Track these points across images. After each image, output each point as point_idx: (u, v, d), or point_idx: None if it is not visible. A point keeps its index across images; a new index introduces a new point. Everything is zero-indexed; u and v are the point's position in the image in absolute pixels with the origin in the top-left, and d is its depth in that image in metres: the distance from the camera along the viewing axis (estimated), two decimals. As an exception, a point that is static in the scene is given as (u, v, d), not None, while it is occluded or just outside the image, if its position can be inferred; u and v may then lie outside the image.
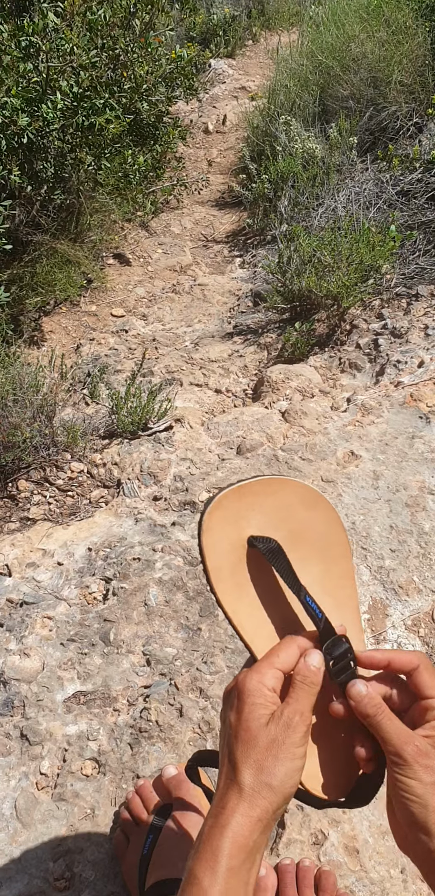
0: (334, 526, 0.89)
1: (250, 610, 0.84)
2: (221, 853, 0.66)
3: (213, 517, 0.85)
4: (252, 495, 0.87)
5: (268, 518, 0.87)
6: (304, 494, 0.89)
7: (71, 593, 1.76)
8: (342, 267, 2.91)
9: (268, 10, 7.73)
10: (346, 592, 0.87)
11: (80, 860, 1.24)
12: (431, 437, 2.20)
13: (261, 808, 0.68)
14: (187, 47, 4.23)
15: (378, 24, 4.19)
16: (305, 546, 0.87)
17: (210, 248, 4.40)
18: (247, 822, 0.67)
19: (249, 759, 0.70)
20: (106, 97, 3.03)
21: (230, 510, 0.86)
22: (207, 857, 0.67)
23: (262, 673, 0.74)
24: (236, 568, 0.85)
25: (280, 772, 0.69)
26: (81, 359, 2.99)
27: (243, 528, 0.86)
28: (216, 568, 0.84)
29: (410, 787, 0.69)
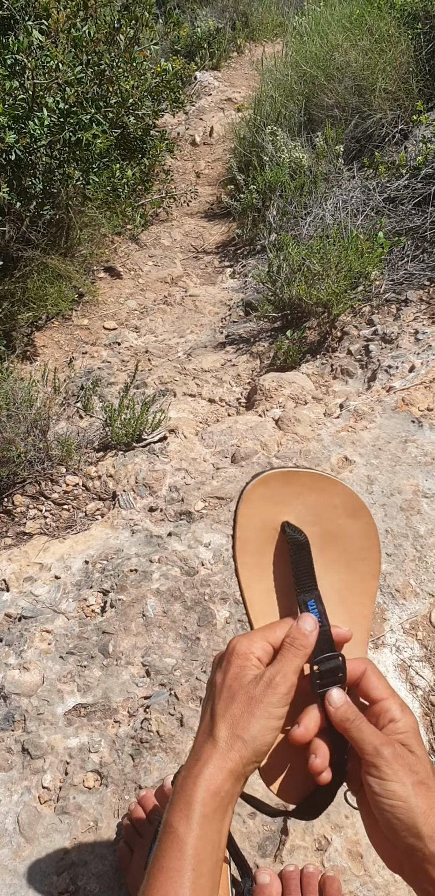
0: (371, 544, 0.88)
1: (264, 592, 0.84)
2: (195, 801, 0.68)
3: (256, 491, 0.84)
4: (299, 485, 0.86)
5: (308, 511, 0.86)
6: (350, 501, 0.87)
7: (69, 606, 1.76)
8: (331, 274, 2.93)
9: (252, 21, 7.78)
10: (362, 611, 0.86)
11: (84, 873, 1.24)
12: (423, 440, 2.22)
13: (233, 761, 0.69)
14: (172, 61, 4.25)
15: (361, 32, 4.23)
16: (335, 550, 0.86)
17: (200, 259, 4.42)
18: (219, 772, 0.69)
19: (226, 714, 0.72)
20: (92, 112, 3.05)
21: (273, 490, 0.85)
22: (181, 806, 0.68)
23: (252, 640, 0.76)
24: (263, 548, 0.85)
25: (254, 727, 0.70)
26: (74, 372, 3.00)
27: (281, 513, 0.85)
28: (244, 540, 0.84)
29: (393, 791, 0.69)
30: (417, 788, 0.69)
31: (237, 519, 0.84)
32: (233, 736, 0.70)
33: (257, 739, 0.70)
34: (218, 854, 0.68)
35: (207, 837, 0.67)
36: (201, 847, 0.66)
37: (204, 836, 0.67)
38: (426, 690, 1.58)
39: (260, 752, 0.71)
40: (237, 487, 2.09)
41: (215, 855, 0.67)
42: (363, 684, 0.77)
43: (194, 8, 7.86)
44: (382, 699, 0.76)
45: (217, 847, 0.68)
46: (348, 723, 0.74)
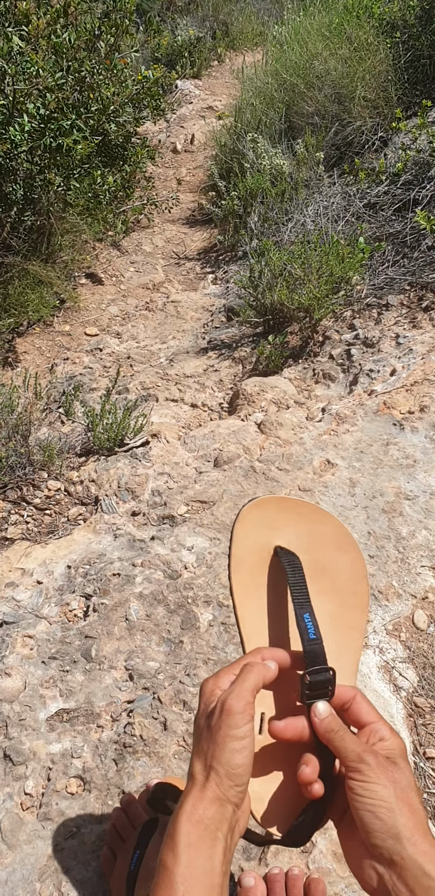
0: (359, 577, 0.90)
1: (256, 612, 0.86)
2: (179, 833, 0.69)
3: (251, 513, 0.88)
4: (293, 513, 0.90)
5: (299, 540, 0.89)
6: (340, 535, 0.91)
7: (51, 611, 1.75)
8: (313, 279, 2.94)
9: (232, 30, 7.83)
10: (350, 644, 0.88)
11: (67, 879, 1.23)
12: (405, 443, 2.23)
13: (211, 790, 0.71)
14: (153, 69, 4.26)
15: (340, 41, 4.26)
16: (324, 581, 0.88)
17: (182, 266, 4.42)
18: (199, 801, 0.71)
19: (198, 750, 0.74)
20: (73, 118, 3.05)
21: (267, 514, 0.88)
22: (168, 842, 0.70)
23: (217, 677, 0.78)
24: (257, 569, 0.88)
25: (223, 756, 0.72)
26: (56, 378, 2.99)
27: (274, 537, 0.88)
28: (239, 558, 0.87)
29: (375, 791, 0.70)
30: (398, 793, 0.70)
31: (233, 538, 0.87)
32: (206, 768, 0.72)
33: (226, 765, 0.71)
34: (212, 879, 0.68)
35: (196, 865, 0.68)
36: (189, 874, 0.67)
37: (191, 863, 0.68)
38: (410, 691, 1.58)
39: (235, 775, 0.72)
40: (220, 491, 2.08)
41: (208, 880, 0.68)
42: (353, 709, 0.79)
43: (175, 17, 7.90)
44: (372, 722, 0.77)
45: (209, 873, 0.69)
46: (332, 733, 0.75)
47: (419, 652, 1.66)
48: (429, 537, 1.91)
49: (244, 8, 8.21)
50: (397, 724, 1.51)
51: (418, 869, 0.67)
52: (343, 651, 0.86)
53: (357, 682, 1.57)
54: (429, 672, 1.61)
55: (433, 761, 1.45)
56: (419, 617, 1.73)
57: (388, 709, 1.53)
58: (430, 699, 1.56)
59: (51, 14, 3.21)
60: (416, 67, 4.09)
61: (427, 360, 2.57)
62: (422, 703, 1.56)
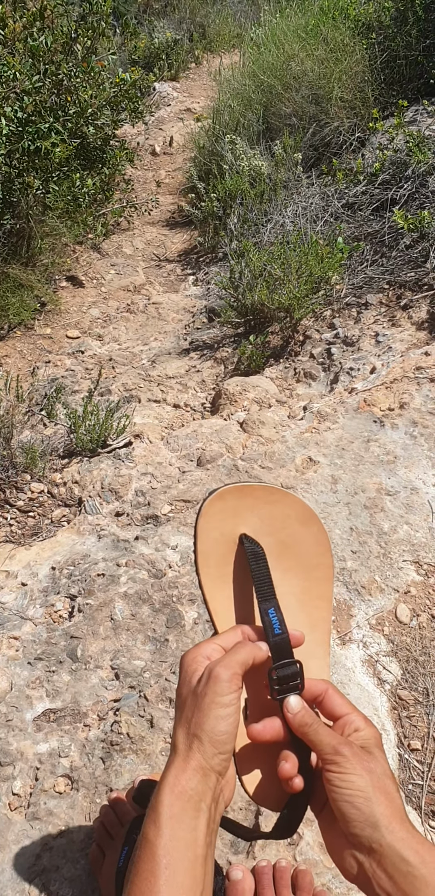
0: (323, 549, 0.92)
1: (227, 602, 0.87)
2: (161, 805, 0.69)
3: (214, 506, 0.88)
4: (253, 498, 0.90)
5: (263, 523, 0.90)
6: (301, 510, 0.92)
7: (36, 613, 1.75)
8: (292, 280, 2.96)
9: (209, 33, 7.84)
10: (321, 615, 0.89)
11: (56, 878, 1.23)
12: (385, 439, 2.25)
13: (194, 759, 0.71)
14: (131, 71, 4.27)
15: (316, 42, 4.29)
16: (291, 559, 0.90)
17: (163, 268, 4.43)
18: (181, 773, 0.71)
19: (181, 720, 0.74)
20: (51, 121, 3.05)
21: (230, 504, 0.89)
22: (150, 814, 0.70)
23: (198, 647, 0.78)
24: (223, 559, 0.88)
25: (206, 722, 0.72)
26: (38, 381, 2.98)
27: (238, 525, 0.89)
28: (205, 552, 0.87)
29: (352, 781, 0.71)
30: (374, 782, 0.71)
31: (197, 533, 0.88)
32: (189, 737, 0.72)
33: (210, 732, 0.71)
34: (195, 851, 0.68)
35: (178, 837, 0.68)
36: (172, 847, 0.67)
37: (174, 836, 0.68)
38: (393, 685, 1.60)
39: (218, 742, 0.72)
40: (203, 490, 2.09)
41: (191, 852, 0.68)
42: (326, 702, 0.80)
43: (151, 19, 7.90)
44: (346, 713, 0.78)
45: (193, 844, 0.68)
46: (306, 727, 0.76)
47: (402, 645, 1.68)
48: (410, 532, 1.93)
49: (221, 10, 8.23)
50: (382, 717, 1.53)
51: (396, 855, 0.68)
52: (315, 623, 0.88)
53: (342, 676, 1.58)
54: (412, 665, 1.63)
55: (418, 753, 1.47)
56: (402, 611, 1.75)
57: (372, 702, 1.55)
58: (413, 692, 1.58)
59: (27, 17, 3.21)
60: (392, 68, 4.13)
61: (406, 358, 2.60)
62: (406, 695, 1.57)
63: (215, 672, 0.73)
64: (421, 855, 0.68)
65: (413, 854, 0.68)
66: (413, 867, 0.67)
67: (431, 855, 0.68)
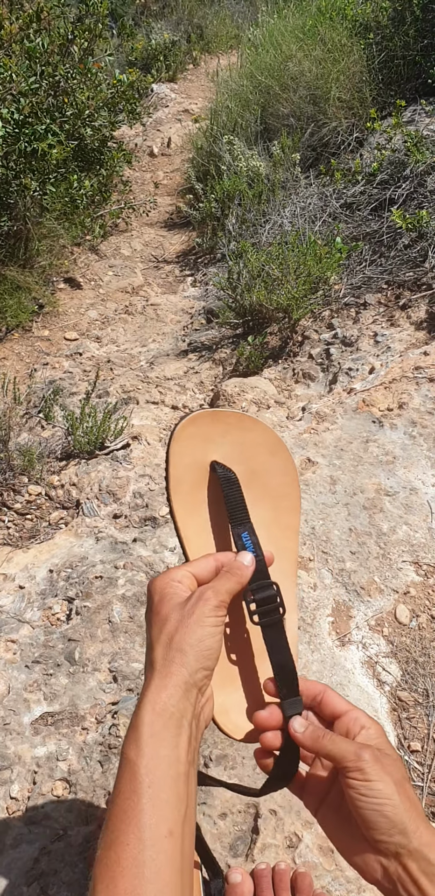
0: (290, 479, 0.92)
1: (199, 529, 0.87)
2: (141, 724, 0.67)
3: (186, 430, 0.87)
4: (224, 424, 0.90)
5: (233, 450, 0.90)
6: (270, 440, 0.92)
7: (34, 615, 1.75)
8: (291, 280, 2.95)
9: (207, 34, 7.84)
10: (288, 545, 0.89)
11: (54, 882, 1.22)
12: (384, 440, 2.24)
13: (175, 675, 0.70)
14: (128, 72, 4.26)
15: (314, 43, 4.28)
16: (259, 488, 0.89)
17: (161, 269, 4.42)
18: (162, 690, 0.69)
19: (160, 635, 0.72)
20: (48, 123, 3.04)
21: (202, 429, 0.88)
22: (130, 733, 0.68)
23: (169, 572, 0.77)
24: (196, 486, 0.88)
25: (192, 636, 0.71)
26: (36, 383, 2.98)
27: (209, 451, 0.88)
28: (177, 478, 0.86)
29: (379, 790, 0.69)
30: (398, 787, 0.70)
31: (169, 458, 0.87)
32: (171, 651, 0.71)
33: (197, 646, 0.71)
34: (177, 769, 0.67)
35: (160, 756, 0.66)
36: (154, 765, 0.66)
37: (155, 754, 0.66)
38: (393, 686, 1.59)
39: (203, 657, 0.71)
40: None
41: (174, 770, 0.67)
42: (325, 701, 0.79)
43: (149, 21, 7.90)
44: (347, 711, 0.77)
45: (175, 762, 0.67)
46: (320, 740, 0.74)
47: (402, 646, 1.67)
48: (409, 532, 1.93)
49: (219, 11, 8.23)
50: (381, 718, 1.52)
51: (424, 859, 0.67)
52: (282, 553, 0.87)
53: (341, 678, 1.58)
54: (412, 666, 1.63)
55: (418, 754, 1.47)
56: (401, 612, 1.74)
57: (371, 704, 1.54)
58: (413, 693, 1.57)
59: (23, 19, 3.20)
60: (389, 68, 4.12)
61: (405, 358, 2.59)
62: (405, 696, 1.57)
63: (205, 595, 0.73)
64: None
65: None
66: None
67: None
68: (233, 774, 1.38)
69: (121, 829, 0.63)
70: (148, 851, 0.62)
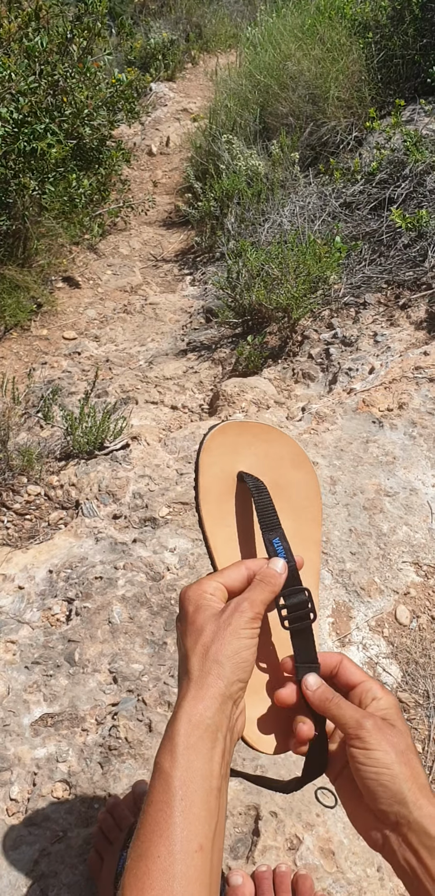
0: (313, 492, 0.92)
1: (227, 539, 0.87)
2: (177, 734, 0.68)
3: (215, 440, 0.89)
4: (251, 435, 0.91)
5: (258, 461, 0.91)
6: (294, 453, 0.93)
7: (33, 616, 1.74)
8: (290, 279, 2.95)
9: (205, 33, 7.83)
10: (310, 556, 0.89)
11: (54, 884, 1.22)
12: (384, 440, 2.24)
13: (212, 686, 0.70)
14: (127, 72, 4.26)
15: (313, 42, 4.28)
16: (283, 500, 0.89)
17: (160, 268, 4.42)
18: (198, 701, 0.69)
19: (196, 646, 0.72)
20: (47, 122, 3.04)
21: (229, 440, 0.90)
22: (166, 744, 0.68)
23: (201, 583, 0.77)
24: (224, 496, 0.88)
25: (228, 648, 0.71)
26: (34, 383, 2.97)
27: (236, 462, 0.90)
28: (206, 488, 0.87)
29: (378, 759, 0.70)
30: (399, 757, 0.70)
31: (199, 468, 0.88)
32: (207, 662, 0.71)
33: (233, 658, 0.71)
34: (210, 782, 0.67)
35: (194, 768, 0.67)
36: (188, 778, 0.66)
37: (190, 767, 0.66)
38: (394, 687, 1.59)
39: (240, 668, 0.71)
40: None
41: (207, 783, 0.67)
42: (341, 672, 0.79)
43: (148, 20, 7.89)
44: (362, 681, 0.77)
45: (208, 776, 0.67)
46: (328, 702, 0.75)
47: (402, 647, 1.67)
48: (410, 533, 1.92)
49: (217, 10, 8.22)
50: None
51: (423, 832, 0.68)
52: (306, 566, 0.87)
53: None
54: (412, 667, 1.62)
55: (419, 756, 1.46)
56: (402, 612, 1.74)
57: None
58: (414, 694, 1.57)
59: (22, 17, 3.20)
60: (389, 67, 4.12)
61: (405, 358, 2.59)
62: (406, 698, 1.57)
63: (242, 607, 0.73)
64: None
65: None
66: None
67: None
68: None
69: (152, 841, 0.64)
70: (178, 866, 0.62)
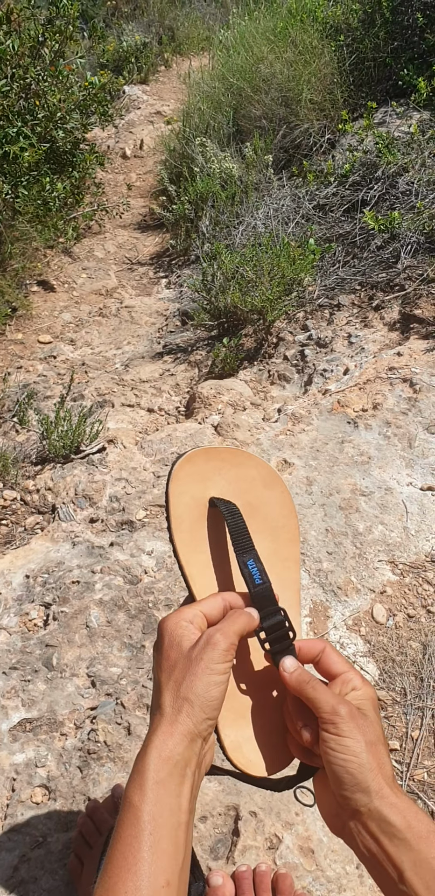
0: (287, 511, 0.93)
1: (202, 566, 0.87)
2: (147, 769, 0.69)
3: (183, 469, 0.89)
4: (219, 460, 0.91)
5: (229, 485, 0.91)
6: (265, 473, 0.93)
7: (10, 621, 1.73)
8: (265, 281, 2.96)
9: (178, 36, 7.84)
10: (289, 575, 0.90)
11: (35, 889, 1.22)
12: (359, 440, 2.26)
13: (182, 724, 0.71)
14: (100, 75, 4.25)
15: (285, 45, 4.30)
16: (258, 520, 0.90)
17: (135, 271, 4.41)
18: (169, 737, 0.70)
19: (169, 681, 0.73)
20: (19, 126, 3.02)
21: (198, 468, 0.90)
22: (135, 777, 0.69)
23: (180, 611, 0.78)
24: (196, 523, 0.88)
25: (198, 686, 0.71)
26: (9, 387, 2.95)
27: (207, 489, 0.90)
28: (178, 517, 0.87)
29: (347, 746, 0.71)
30: (368, 747, 0.71)
31: (169, 498, 0.87)
32: (178, 699, 0.72)
33: (202, 696, 0.71)
34: (178, 817, 0.68)
35: (163, 803, 0.68)
36: (157, 812, 0.67)
37: (159, 801, 0.67)
38: (371, 685, 1.60)
39: (209, 708, 0.72)
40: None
41: (175, 818, 0.68)
42: (323, 661, 0.80)
43: (120, 23, 7.88)
44: (343, 672, 0.78)
45: (176, 811, 0.68)
46: (304, 684, 0.76)
47: (379, 646, 1.68)
48: (385, 532, 1.94)
49: (190, 13, 8.23)
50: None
51: (383, 819, 0.69)
52: (285, 584, 0.88)
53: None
54: (389, 665, 1.64)
55: (397, 753, 1.48)
56: (378, 611, 1.75)
57: (349, 702, 1.55)
58: (391, 692, 1.59)
59: (-6, 20, 3.18)
60: (360, 70, 4.15)
61: (379, 359, 2.61)
62: (383, 696, 1.58)
63: (215, 639, 0.73)
64: (407, 820, 0.69)
65: (400, 819, 0.69)
66: (398, 830, 0.68)
67: (417, 820, 0.69)
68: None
69: (120, 876, 0.65)
70: None
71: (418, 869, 0.67)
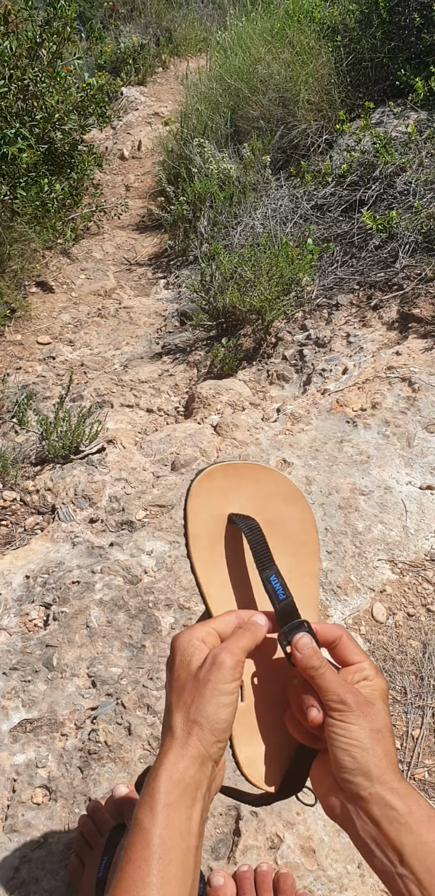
0: (308, 526, 0.92)
1: (220, 584, 0.87)
2: (158, 792, 0.68)
3: (202, 486, 0.87)
4: (238, 476, 0.90)
5: (248, 502, 0.90)
6: (285, 488, 0.92)
7: (11, 622, 1.73)
8: (263, 281, 2.96)
9: (176, 37, 7.84)
10: (309, 591, 0.89)
11: (36, 890, 1.22)
12: (358, 440, 2.26)
13: (193, 747, 0.70)
14: (98, 76, 4.25)
15: (282, 45, 4.30)
16: (278, 537, 0.89)
17: (134, 272, 4.41)
18: (180, 760, 0.70)
19: (179, 703, 0.73)
20: (17, 127, 3.02)
21: (217, 484, 0.88)
22: (146, 799, 0.69)
23: (192, 629, 0.77)
24: (214, 540, 0.87)
25: (207, 708, 0.71)
26: (8, 388, 2.95)
27: (226, 505, 0.88)
28: (196, 534, 0.86)
29: (352, 731, 0.71)
30: (373, 735, 0.72)
31: (188, 515, 0.86)
32: (188, 722, 0.71)
33: (212, 719, 0.71)
34: (188, 841, 0.68)
35: (173, 826, 0.67)
36: (167, 836, 0.67)
37: (169, 824, 0.67)
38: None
39: (218, 731, 0.72)
40: (178, 494, 2.09)
41: (185, 842, 0.68)
42: (340, 648, 0.80)
43: (118, 24, 7.88)
44: (358, 661, 0.78)
45: (186, 834, 0.68)
46: (313, 669, 0.75)
47: (379, 644, 1.68)
48: (385, 531, 1.94)
49: (187, 14, 8.23)
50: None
51: (384, 803, 0.69)
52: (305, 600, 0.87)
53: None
54: (389, 664, 1.64)
55: (397, 752, 1.48)
56: (378, 610, 1.75)
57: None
58: (391, 691, 1.59)
59: (-8, 22, 3.18)
60: (357, 70, 4.16)
61: (377, 358, 2.62)
62: (383, 693, 1.58)
63: (220, 658, 0.73)
64: (408, 805, 0.69)
65: (401, 803, 0.69)
66: (399, 815, 0.68)
67: (418, 806, 0.69)
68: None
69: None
70: None
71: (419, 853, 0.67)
